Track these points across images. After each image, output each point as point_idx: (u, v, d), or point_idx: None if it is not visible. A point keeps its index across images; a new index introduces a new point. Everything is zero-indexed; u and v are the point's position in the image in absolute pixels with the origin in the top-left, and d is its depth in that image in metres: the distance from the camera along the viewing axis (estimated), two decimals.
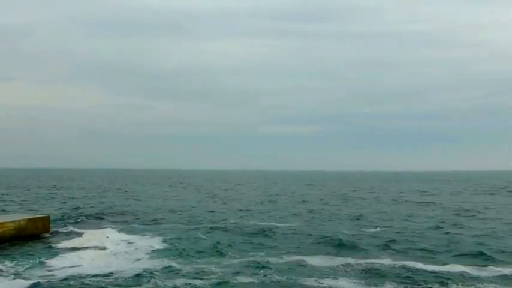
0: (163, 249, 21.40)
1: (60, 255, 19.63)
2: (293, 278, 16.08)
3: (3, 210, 35.53)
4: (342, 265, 17.97)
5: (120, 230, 26.99)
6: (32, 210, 36.38)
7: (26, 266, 17.53)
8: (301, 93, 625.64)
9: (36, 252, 20.34)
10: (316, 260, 18.87)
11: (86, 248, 21.32)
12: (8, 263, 17.80)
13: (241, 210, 40.15)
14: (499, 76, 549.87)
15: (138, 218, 33.59)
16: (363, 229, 27.75)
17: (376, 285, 15.27)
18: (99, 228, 28.01)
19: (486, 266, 18.01)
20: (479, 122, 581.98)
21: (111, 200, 50.25)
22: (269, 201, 50.36)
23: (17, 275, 16.07)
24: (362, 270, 17.24)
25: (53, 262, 18.27)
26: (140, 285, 15.06)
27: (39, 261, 18.33)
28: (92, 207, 41.60)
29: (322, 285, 15.27)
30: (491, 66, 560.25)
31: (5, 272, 16.56)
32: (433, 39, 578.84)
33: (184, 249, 21.13)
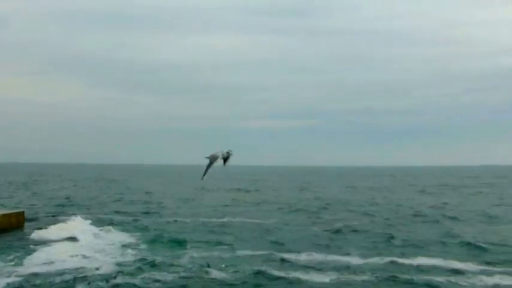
0: (136, 242, 21.55)
1: (32, 250, 19.52)
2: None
3: None
4: None
5: (95, 223, 26.84)
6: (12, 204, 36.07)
7: None
8: (284, 88, 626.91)
9: (8, 248, 20.17)
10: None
11: (59, 241, 21.29)
12: None
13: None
14: (475, 73, 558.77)
15: (117, 211, 33.60)
16: None
17: None
18: (74, 221, 27.62)
19: None
20: (456, 118, 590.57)
21: (89, 193, 49.95)
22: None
23: None
24: None
25: (25, 258, 18.16)
26: (109, 280, 15.13)
27: (10, 258, 18.16)
28: (67, 200, 41.52)
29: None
30: (468, 63, 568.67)
31: None
32: (412, 37, 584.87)
33: (158, 242, 21.50)
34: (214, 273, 16.00)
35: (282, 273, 16.09)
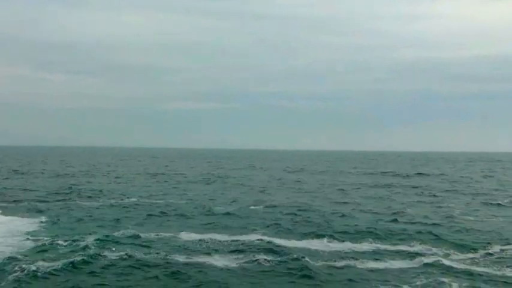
0: (40, 230, 20.91)
1: None
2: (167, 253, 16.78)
3: None
4: None
5: None
6: None
7: None
8: (205, 70, 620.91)
9: None
10: None
11: None
12: None
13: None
14: (388, 63, 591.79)
15: (23, 198, 31.80)
16: None
17: None
18: None
19: None
20: (368, 105, 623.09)
21: None
22: None
23: None
24: None
25: None
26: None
27: None
28: None
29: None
30: (383, 53, 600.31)
31: None
32: (329, 25, 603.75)
33: (65, 229, 21.01)
34: (111, 256, 15.98)
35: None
